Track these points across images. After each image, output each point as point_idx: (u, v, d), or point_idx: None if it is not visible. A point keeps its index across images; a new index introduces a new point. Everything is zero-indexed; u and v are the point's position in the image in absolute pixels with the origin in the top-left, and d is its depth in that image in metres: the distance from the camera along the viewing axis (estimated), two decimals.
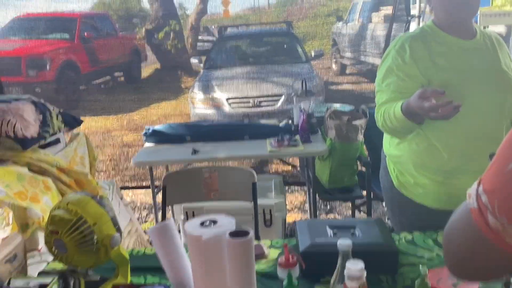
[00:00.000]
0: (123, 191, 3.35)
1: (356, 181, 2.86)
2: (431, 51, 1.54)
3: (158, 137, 2.93)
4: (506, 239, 0.58)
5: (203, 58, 6.42)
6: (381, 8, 8.06)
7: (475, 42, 1.57)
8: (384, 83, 1.58)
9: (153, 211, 2.99)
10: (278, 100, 5.10)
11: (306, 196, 3.40)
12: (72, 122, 2.36)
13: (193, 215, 2.59)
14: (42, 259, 1.68)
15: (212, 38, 10.28)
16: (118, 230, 1.15)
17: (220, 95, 5.18)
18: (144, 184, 4.08)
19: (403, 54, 1.54)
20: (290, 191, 4.00)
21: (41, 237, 1.76)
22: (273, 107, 5.02)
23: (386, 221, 3.19)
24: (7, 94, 2.61)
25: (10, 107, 2.00)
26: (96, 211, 1.13)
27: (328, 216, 3.40)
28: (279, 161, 4.60)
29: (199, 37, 11.40)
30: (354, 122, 2.69)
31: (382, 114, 1.56)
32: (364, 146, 2.89)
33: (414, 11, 3.72)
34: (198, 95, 5.35)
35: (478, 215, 0.61)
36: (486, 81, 1.52)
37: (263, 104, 5.08)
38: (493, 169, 0.61)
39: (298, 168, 3.19)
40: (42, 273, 1.30)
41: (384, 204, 2.24)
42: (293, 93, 3.97)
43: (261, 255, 1.47)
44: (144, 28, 8.31)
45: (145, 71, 8.64)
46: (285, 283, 0.95)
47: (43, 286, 1.10)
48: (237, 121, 3.17)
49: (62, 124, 2.26)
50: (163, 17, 8.40)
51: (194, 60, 6.50)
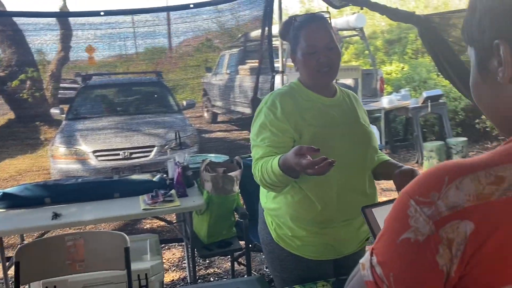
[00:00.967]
0: None
1: (235, 233, 2.82)
2: (300, 107, 1.61)
3: (11, 201, 2.55)
4: None
5: (66, 108, 5.96)
6: (247, 61, 8.55)
7: (336, 100, 1.69)
8: (259, 139, 1.60)
9: None
10: (151, 152, 4.92)
11: (185, 252, 3.25)
12: None
13: None
14: None
15: (76, 86, 9.67)
16: None
17: (85, 148, 4.81)
18: None
19: (275, 111, 1.59)
20: (167, 248, 3.79)
21: None
22: (145, 159, 4.82)
23: (265, 269, 3.20)
24: None
25: None
26: None
27: (208, 271, 3.28)
28: (153, 218, 4.37)
29: (61, 85, 10.64)
30: (230, 174, 2.68)
31: (260, 169, 1.56)
32: (240, 197, 2.90)
33: (278, 65, 3.99)
34: (60, 148, 4.90)
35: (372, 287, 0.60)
36: (349, 135, 1.63)
37: (134, 156, 4.84)
38: (384, 240, 0.61)
39: (175, 223, 3.04)
40: None
41: (264, 257, 2.22)
42: (166, 145, 3.86)
43: None
44: None
45: None
46: None
47: None
48: (106, 177, 2.92)
49: None
50: (18, 64, 7.69)
51: (55, 110, 5.98)
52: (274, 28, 3.85)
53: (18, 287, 1.79)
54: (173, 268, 3.38)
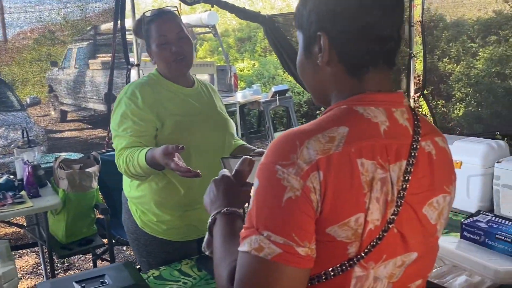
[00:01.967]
0: None
1: (95, 230, 2.76)
2: (160, 97, 1.69)
3: None
4: (314, 255, 0.68)
5: None
6: (98, 55, 8.13)
7: (195, 90, 1.81)
8: (121, 129, 1.63)
9: None
10: None
11: (40, 257, 3.04)
12: None
13: None
14: None
15: None
16: None
17: None
18: None
19: (136, 100, 1.64)
20: (18, 256, 3.49)
21: None
22: None
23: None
24: None
25: None
26: None
27: (68, 274, 3.13)
28: (2, 223, 3.95)
29: None
30: (87, 170, 2.62)
31: (125, 160, 1.59)
32: (100, 193, 2.84)
33: (133, 59, 3.94)
34: None
35: (286, 256, 0.66)
36: (208, 122, 1.77)
37: None
38: (267, 213, 0.68)
39: (27, 227, 2.83)
40: None
41: (127, 252, 2.24)
42: (11, 144, 3.53)
43: None
44: None
45: None
46: None
47: None
48: None
49: None
50: None
51: None
52: (128, 22, 3.81)
53: None
54: (27, 276, 3.15)
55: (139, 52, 4.23)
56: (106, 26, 4.82)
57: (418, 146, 0.76)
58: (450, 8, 5.63)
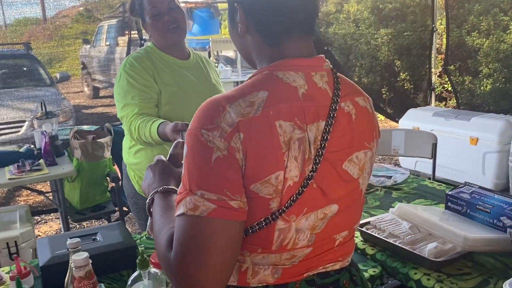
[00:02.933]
0: None
1: (109, 198, 2.92)
2: (156, 68, 1.77)
3: None
4: (246, 208, 0.73)
5: None
6: (126, 32, 8.32)
7: (190, 62, 1.87)
8: (129, 97, 1.71)
9: None
10: (21, 127, 4.68)
11: (60, 223, 3.25)
12: None
13: None
14: None
15: None
16: None
17: None
18: None
19: (136, 70, 1.72)
20: (44, 222, 3.74)
21: None
22: (16, 135, 4.59)
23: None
24: None
25: None
26: None
27: None
28: (29, 192, 4.22)
29: None
30: (100, 140, 2.76)
31: (137, 129, 1.68)
32: (113, 162, 2.99)
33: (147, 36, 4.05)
34: None
35: (221, 211, 0.71)
36: (202, 94, 1.82)
37: (3, 132, 4.58)
38: (198, 174, 0.73)
39: (45, 194, 3.03)
40: None
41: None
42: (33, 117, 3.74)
43: None
44: None
45: None
46: None
47: None
48: None
49: None
50: None
51: None
52: None
53: None
54: None
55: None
56: None
57: (337, 107, 0.81)
58: None
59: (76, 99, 9.53)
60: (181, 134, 1.52)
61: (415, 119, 4.01)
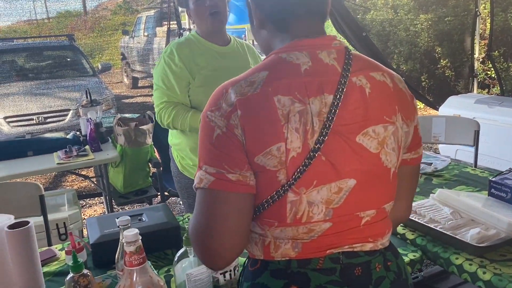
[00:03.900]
0: None
1: (150, 182, 3.02)
2: (194, 54, 1.87)
3: None
4: (249, 182, 0.79)
5: None
6: (164, 23, 8.47)
7: (229, 48, 1.95)
8: (161, 83, 1.85)
9: None
10: (66, 115, 4.89)
11: (104, 206, 3.39)
12: None
13: None
14: None
15: None
16: None
17: None
18: None
19: (173, 58, 1.84)
20: (89, 206, 3.91)
21: None
22: (61, 123, 4.79)
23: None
24: None
25: None
26: None
27: None
28: (75, 177, 4.42)
29: None
30: (142, 127, 2.85)
31: (171, 116, 1.81)
32: (154, 149, 3.08)
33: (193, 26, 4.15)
34: None
35: (219, 183, 0.78)
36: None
37: (49, 121, 4.79)
38: (205, 153, 0.81)
39: (90, 179, 3.17)
40: None
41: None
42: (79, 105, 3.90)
43: (53, 258, 1.49)
44: None
45: None
46: (71, 262, 1.02)
47: None
48: (18, 137, 2.96)
49: None
50: None
51: None
52: None
53: None
54: None
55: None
56: None
57: (347, 82, 0.82)
58: None
59: (116, 89, 9.80)
60: None
61: (456, 107, 3.90)
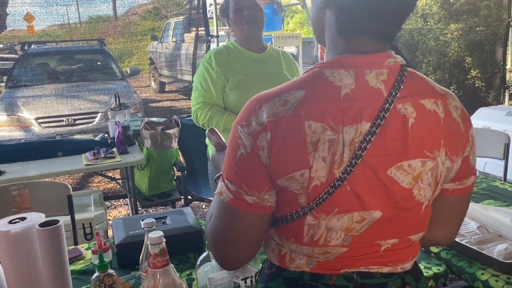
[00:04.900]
0: None
1: (174, 186, 3.06)
2: (230, 60, 2.03)
3: None
4: (266, 204, 0.79)
5: (5, 78, 5.85)
6: (192, 29, 8.59)
7: (264, 55, 2.10)
8: (199, 85, 2.04)
9: None
10: (95, 118, 5.01)
11: (129, 209, 3.45)
12: None
13: None
14: None
15: (15, 56, 9.27)
16: None
17: (28, 115, 4.82)
18: None
19: (211, 63, 2.03)
20: (114, 207, 3.98)
21: None
22: (90, 125, 4.91)
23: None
24: None
25: None
26: None
27: None
28: (101, 178, 4.51)
29: None
30: (168, 131, 2.90)
31: (207, 116, 2.00)
32: (179, 153, 3.13)
33: (220, 32, 4.23)
34: (1, 116, 4.88)
35: (236, 201, 0.79)
36: (268, 81, 1.94)
37: (78, 123, 4.92)
38: (228, 166, 0.80)
39: (116, 180, 3.23)
40: None
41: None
42: (108, 107, 4.00)
43: (79, 257, 1.53)
44: None
45: None
46: (97, 261, 1.05)
47: None
48: (48, 138, 3.05)
49: None
50: None
51: None
52: None
53: None
54: None
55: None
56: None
57: (390, 109, 0.75)
58: None
59: (144, 93, 9.97)
60: None
61: (486, 118, 3.82)
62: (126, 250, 1.44)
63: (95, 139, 2.97)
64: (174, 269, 1.00)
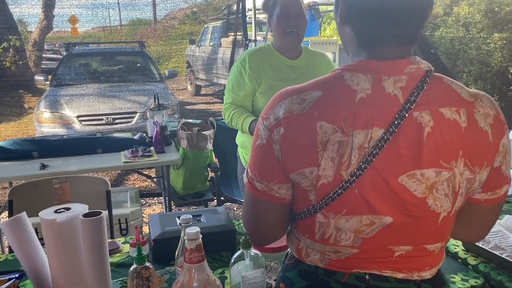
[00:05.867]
0: None
1: (208, 187, 3.10)
2: (264, 63, 2.00)
3: (0, 154, 2.77)
4: (274, 194, 0.84)
5: (50, 76, 6.11)
6: (229, 34, 8.69)
7: (298, 61, 2.04)
8: (230, 86, 2.05)
9: None
10: (133, 118, 5.14)
11: (163, 207, 3.52)
12: None
13: None
14: None
15: (59, 57, 9.65)
16: None
17: (70, 113, 5.01)
18: None
19: (244, 65, 2.01)
20: (148, 205, 4.07)
21: None
22: (128, 124, 5.04)
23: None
24: None
25: None
26: None
27: None
28: (137, 176, 4.62)
29: (44, 55, 10.59)
30: (204, 132, 2.94)
31: (230, 116, 2.02)
32: (214, 154, 3.17)
33: (259, 37, 4.29)
34: (45, 113, 5.09)
35: (250, 186, 0.86)
36: None
37: (117, 122, 5.06)
38: (251, 152, 0.87)
39: (154, 178, 3.30)
40: None
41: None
42: (147, 108, 4.11)
43: (116, 250, 1.58)
44: None
45: None
46: (135, 254, 1.08)
47: None
48: (89, 135, 3.15)
49: None
50: (1, 32, 7.70)
51: (40, 77, 6.14)
52: (248, 2, 4.08)
53: None
54: None
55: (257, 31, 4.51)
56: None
57: (406, 115, 0.74)
58: None
59: (180, 95, 10.16)
60: None
61: None
62: (162, 245, 1.48)
63: (134, 138, 3.06)
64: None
